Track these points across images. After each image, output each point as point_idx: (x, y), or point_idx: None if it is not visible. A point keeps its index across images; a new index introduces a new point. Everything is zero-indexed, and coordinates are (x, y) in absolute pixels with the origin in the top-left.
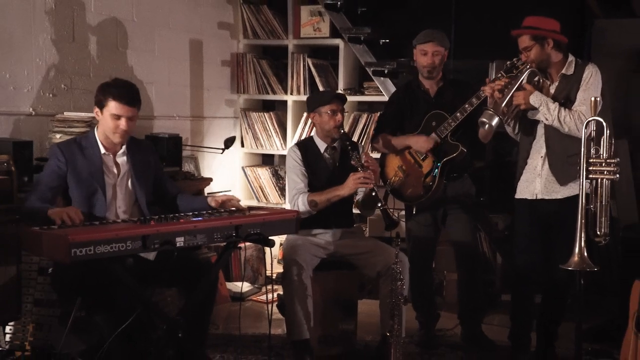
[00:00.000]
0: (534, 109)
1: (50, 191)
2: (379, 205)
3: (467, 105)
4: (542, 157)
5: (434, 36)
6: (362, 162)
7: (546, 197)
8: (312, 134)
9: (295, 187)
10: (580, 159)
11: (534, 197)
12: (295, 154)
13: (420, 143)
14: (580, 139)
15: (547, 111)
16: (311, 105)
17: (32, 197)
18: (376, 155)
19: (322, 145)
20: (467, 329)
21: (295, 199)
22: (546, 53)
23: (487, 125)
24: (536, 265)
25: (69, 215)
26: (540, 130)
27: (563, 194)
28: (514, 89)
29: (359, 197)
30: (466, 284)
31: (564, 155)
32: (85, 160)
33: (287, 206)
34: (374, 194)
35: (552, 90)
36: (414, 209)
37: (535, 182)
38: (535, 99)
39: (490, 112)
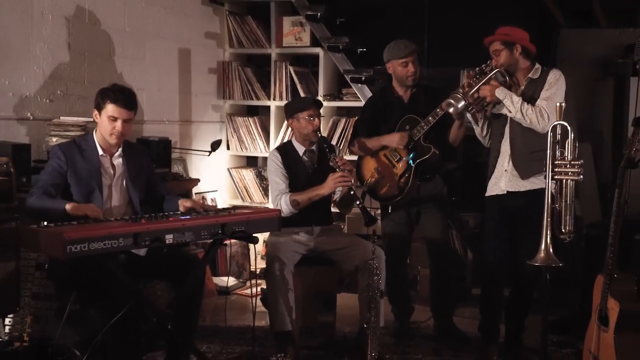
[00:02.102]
0: (499, 102)
1: (54, 188)
2: (357, 203)
3: (438, 110)
4: (509, 155)
5: (411, 46)
6: (338, 163)
7: (510, 190)
8: (291, 138)
9: (278, 189)
10: (543, 155)
11: (503, 192)
12: (275, 158)
13: (395, 140)
14: (542, 136)
15: (510, 103)
16: (289, 112)
17: (37, 194)
18: (353, 157)
19: (300, 149)
20: (440, 321)
21: (277, 199)
22: (514, 58)
23: (452, 108)
24: (505, 262)
25: (93, 210)
26: (508, 132)
27: (526, 186)
28: (482, 82)
29: (336, 196)
30: (438, 278)
31: (527, 152)
32: (84, 161)
33: (270, 206)
34: (352, 192)
35: (519, 93)
36: (390, 208)
37: (502, 178)
38: (500, 92)
39: (459, 95)
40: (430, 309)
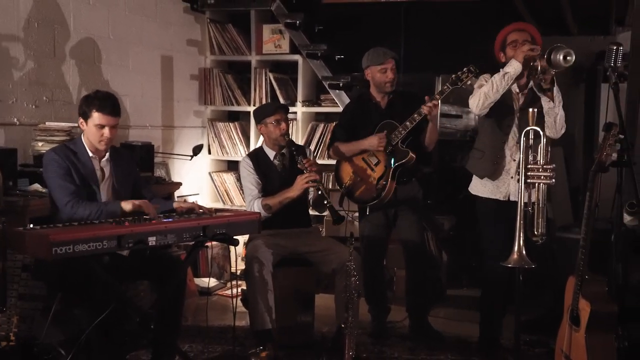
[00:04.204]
0: (551, 84)
1: (80, 191)
2: (325, 202)
3: (415, 115)
4: (515, 160)
5: (390, 54)
6: (305, 165)
7: (515, 199)
8: (262, 144)
9: (251, 194)
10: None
11: (506, 199)
12: (247, 164)
13: (374, 143)
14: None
15: (557, 93)
16: (257, 118)
17: (74, 201)
18: (332, 161)
19: (271, 154)
20: (415, 321)
21: (251, 204)
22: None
23: (571, 56)
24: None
25: (148, 206)
26: (513, 135)
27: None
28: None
29: (311, 197)
30: (414, 279)
31: None
32: (79, 162)
33: None
34: (319, 192)
35: (521, 100)
36: (367, 210)
37: (509, 184)
38: (554, 79)
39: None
40: (406, 309)
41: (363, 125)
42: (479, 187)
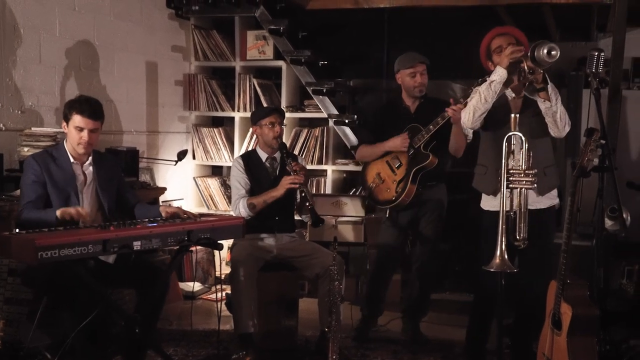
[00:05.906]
0: (544, 82)
1: (40, 200)
2: (307, 204)
3: (439, 119)
4: None
5: (419, 58)
6: (293, 167)
7: (531, 208)
8: (255, 146)
9: (238, 193)
10: (555, 170)
11: (514, 210)
12: (239, 164)
13: (397, 143)
14: (548, 150)
15: (552, 90)
16: (254, 119)
17: (27, 209)
18: (319, 167)
19: (263, 156)
20: (410, 324)
21: (236, 203)
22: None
23: (555, 51)
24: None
25: (79, 212)
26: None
27: (545, 203)
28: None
29: (298, 202)
30: (423, 283)
31: (541, 167)
32: (58, 168)
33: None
34: (303, 194)
35: (519, 104)
36: (387, 212)
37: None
38: (547, 77)
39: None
40: (402, 312)
41: (390, 129)
42: (491, 201)
